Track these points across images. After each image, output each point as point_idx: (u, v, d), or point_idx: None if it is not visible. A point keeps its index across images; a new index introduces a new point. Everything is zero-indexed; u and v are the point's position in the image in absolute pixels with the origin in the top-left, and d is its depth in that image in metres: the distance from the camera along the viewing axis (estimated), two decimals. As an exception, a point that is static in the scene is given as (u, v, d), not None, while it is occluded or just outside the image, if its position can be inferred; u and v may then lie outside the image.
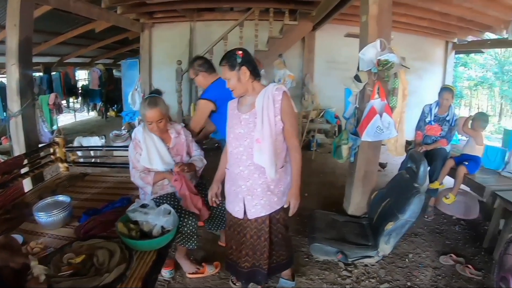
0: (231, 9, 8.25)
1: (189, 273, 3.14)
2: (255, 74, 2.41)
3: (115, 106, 13.91)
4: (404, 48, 4.33)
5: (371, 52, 3.74)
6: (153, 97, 2.85)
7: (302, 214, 4.08)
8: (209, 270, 3.17)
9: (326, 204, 4.77)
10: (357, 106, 4.10)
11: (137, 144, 2.88)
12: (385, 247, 3.19)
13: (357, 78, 3.89)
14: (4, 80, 9.81)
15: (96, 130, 9.58)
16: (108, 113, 13.63)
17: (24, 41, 4.26)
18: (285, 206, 2.50)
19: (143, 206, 2.51)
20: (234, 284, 3.02)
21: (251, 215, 2.49)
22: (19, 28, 4.19)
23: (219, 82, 3.40)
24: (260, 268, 2.65)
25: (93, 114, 14.83)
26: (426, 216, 4.49)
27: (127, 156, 3.98)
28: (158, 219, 2.33)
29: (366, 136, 3.75)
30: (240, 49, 2.41)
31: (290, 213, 2.51)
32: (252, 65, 2.39)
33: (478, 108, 18.71)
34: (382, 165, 6.46)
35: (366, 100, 3.92)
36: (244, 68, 2.34)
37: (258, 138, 2.34)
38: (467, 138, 4.53)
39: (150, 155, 2.85)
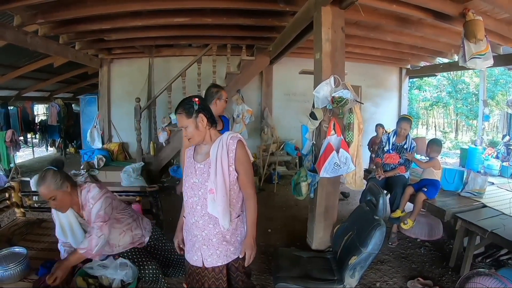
0: (189, 45, 8.33)
1: None
2: (212, 121, 2.37)
3: (75, 142, 13.60)
4: (359, 77, 4.46)
5: (325, 89, 3.83)
6: (44, 171, 2.48)
7: (267, 251, 4.07)
8: None
9: (290, 239, 4.76)
10: (314, 142, 4.16)
11: (53, 216, 2.70)
12: (351, 280, 3.17)
13: (312, 115, 3.97)
14: None
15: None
16: (67, 149, 13.29)
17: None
18: (241, 256, 2.40)
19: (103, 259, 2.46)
20: None
21: (208, 264, 2.40)
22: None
23: None
24: None
25: (52, 150, 14.41)
26: (390, 243, 4.55)
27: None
28: (116, 273, 2.29)
29: (324, 172, 3.80)
30: (196, 96, 2.39)
31: (246, 264, 2.40)
32: (209, 112, 2.37)
33: (435, 126, 19.48)
34: (345, 195, 6.55)
35: (322, 136, 3.99)
36: (201, 115, 2.30)
37: (212, 188, 2.29)
38: (426, 159, 4.68)
39: (63, 230, 2.64)
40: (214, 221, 2.33)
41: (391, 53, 7.99)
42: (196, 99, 2.33)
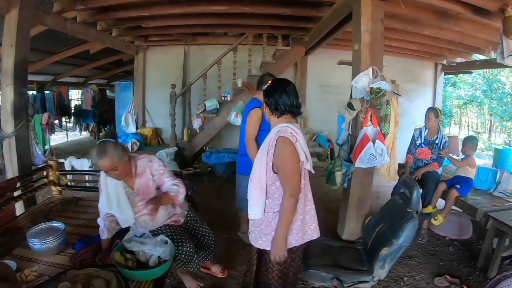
0: (225, 33, 8.34)
1: None
2: (275, 109, 2.30)
3: (108, 127, 13.89)
4: (394, 71, 4.40)
5: (364, 80, 3.82)
6: (103, 144, 2.60)
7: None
8: None
9: (321, 229, 4.71)
10: (350, 133, 4.15)
11: (100, 186, 2.77)
12: (380, 272, 3.17)
13: (350, 105, 3.96)
14: None
15: (88, 150, 9.53)
16: (100, 134, 13.58)
17: (20, 62, 4.29)
18: (267, 249, 2.38)
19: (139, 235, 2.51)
20: None
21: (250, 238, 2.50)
22: (15, 48, 4.22)
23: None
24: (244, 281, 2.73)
25: (85, 134, 14.77)
26: (420, 239, 4.51)
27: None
28: (155, 250, 2.32)
29: (360, 163, 3.80)
30: (271, 76, 2.38)
31: (272, 259, 2.36)
32: (272, 98, 2.29)
33: (468, 126, 18.98)
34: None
35: (359, 127, 3.99)
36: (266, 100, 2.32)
37: (252, 177, 2.34)
38: (460, 158, 4.61)
39: (108, 199, 2.69)
40: None
41: (428, 48, 7.86)
42: (270, 81, 2.38)
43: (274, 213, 2.31)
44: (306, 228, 2.40)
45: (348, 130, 4.18)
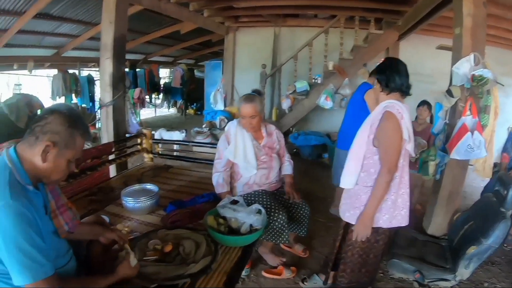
0: (315, 16, 8.20)
1: (266, 271, 3.17)
2: (385, 86, 2.30)
3: (195, 104, 14.41)
4: (489, 62, 4.04)
5: (465, 66, 3.57)
6: (251, 94, 2.98)
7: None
8: (286, 273, 3.16)
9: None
10: (447, 122, 3.91)
11: (228, 137, 2.99)
12: (464, 271, 3.01)
13: (449, 92, 3.72)
14: (92, 73, 10.65)
15: (175, 125, 9.96)
16: (187, 111, 14.11)
17: (118, 38, 4.54)
18: (352, 228, 2.38)
19: (233, 202, 2.57)
20: (304, 283, 3.04)
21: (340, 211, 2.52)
22: (114, 25, 4.46)
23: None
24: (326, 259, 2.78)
25: (172, 110, 15.45)
26: (505, 245, 4.18)
27: (208, 153, 4.12)
28: (249, 217, 2.35)
29: (456, 153, 3.57)
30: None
31: (352, 238, 2.37)
32: (384, 75, 2.31)
33: None
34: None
35: (457, 116, 3.74)
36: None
37: (352, 147, 2.35)
38: None
39: (236, 149, 2.93)
40: None
41: (529, 37, 7.11)
42: (382, 59, 2.40)
43: (366, 187, 2.28)
44: (396, 212, 2.31)
45: (445, 119, 3.94)
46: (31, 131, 1.43)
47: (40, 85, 12.68)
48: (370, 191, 2.25)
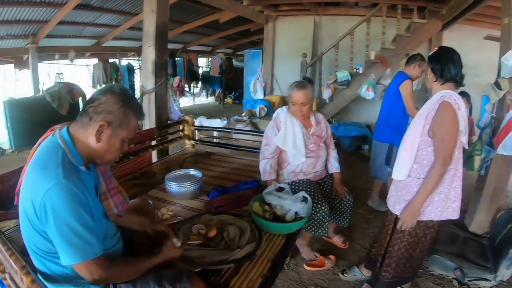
0: (356, 4, 8.03)
1: (307, 265, 3.14)
2: (440, 76, 2.24)
3: (233, 93, 14.49)
4: None
5: (515, 57, 3.40)
6: (303, 81, 2.95)
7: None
8: (328, 263, 3.14)
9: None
10: (494, 115, 3.73)
11: (277, 124, 2.98)
12: (505, 272, 2.91)
13: (497, 84, 3.54)
14: (131, 62, 10.90)
15: (213, 114, 10.03)
16: (225, 100, 14.21)
17: (160, 26, 4.56)
18: (399, 216, 2.34)
19: (278, 189, 2.57)
20: (344, 275, 3.00)
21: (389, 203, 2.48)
22: (156, 13, 4.47)
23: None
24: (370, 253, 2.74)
25: (210, 99, 15.56)
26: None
27: (249, 141, 4.11)
28: (294, 205, 2.33)
29: (502, 149, 3.39)
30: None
31: (398, 226, 2.33)
32: (439, 64, 2.25)
33: None
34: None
35: (505, 109, 3.55)
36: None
37: (406, 137, 2.30)
38: None
39: (286, 136, 2.91)
40: None
41: None
42: (436, 48, 2.33)
43: (419, 179, 2.22)
44: (448, 205, 2.24)
45: (492, 112, 3.77)
46: (84, 112, 1.45)
47: (80, 74, 13.02)
48: (422, 183, 2.19)
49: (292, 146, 2.90)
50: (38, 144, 1.53)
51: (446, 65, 2.18)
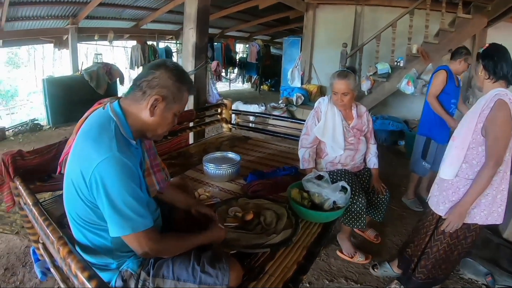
0: (398, -5, 7.82)
1: (340, 251, 3.14)
2: (493, 73, 2.14)
3: (269, 80, 14.46)
4: None
5: None
6: (345, 70, 2.85)
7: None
8: (359, 257, 3.10)
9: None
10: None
11: (318, 113, 2.93)
12: (537, 283, 2.83)
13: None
14: (169, 45, 11.08)
15: (249, 100, 10.05)
16: (261, 87, 14.19)
17: (202, 9, 4.59)
18: (443, 217, 2.27)
19: (318, 177, 2.54)
20: (374, 270, 2.97)
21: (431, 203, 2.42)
22: (198, -4, 4.51)
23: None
24: (405, 253, 2.67)
25: (246, 85, 15.60)
26: None
27: (286, 127, 4.08)
28: (333, 194, 2.31)
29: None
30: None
31: (442, 227, 2.26)
32: (492, 62, 2.15)
33: None
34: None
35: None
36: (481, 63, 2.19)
37: (456, 135, 2.24)
38: None
39: (325, 128, 2.87)
40: None
41: None
42: (487, 45, 2.21)
43: (467, 179, 2.15)
44: (494, 208, 2.17)
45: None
46: (137, 87, 1.47)
47: (118, 56, 13.22)
48: (470, 184, 2.13)
49: (331, 138, 2.86)
50: (85, 116, 1.58)
51: (499, 62, 2.09)
